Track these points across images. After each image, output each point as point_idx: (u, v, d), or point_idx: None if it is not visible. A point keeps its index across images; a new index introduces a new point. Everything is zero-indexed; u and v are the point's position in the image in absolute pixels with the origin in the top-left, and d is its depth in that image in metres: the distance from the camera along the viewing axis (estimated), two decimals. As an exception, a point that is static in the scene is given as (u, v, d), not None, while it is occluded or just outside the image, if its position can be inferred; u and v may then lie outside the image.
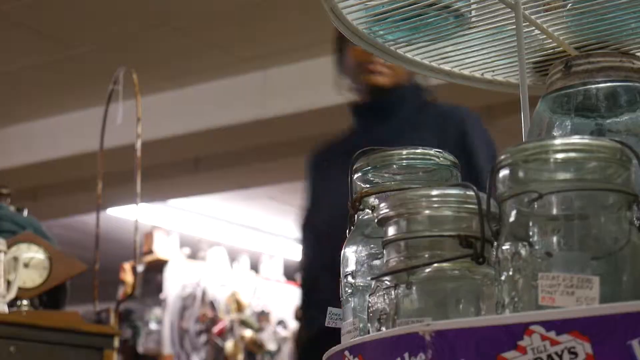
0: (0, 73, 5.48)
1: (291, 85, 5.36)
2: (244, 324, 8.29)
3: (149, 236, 7.86)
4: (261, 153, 6.16)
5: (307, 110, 5.31)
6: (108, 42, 5.00)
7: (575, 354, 0.78)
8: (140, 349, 7.86)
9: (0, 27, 4.89)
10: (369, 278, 1.06)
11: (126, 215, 7.19)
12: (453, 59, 1.42)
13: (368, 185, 1.12)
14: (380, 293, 0.96)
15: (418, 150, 1.12)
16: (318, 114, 5.33)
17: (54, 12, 4.72)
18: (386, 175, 1.12)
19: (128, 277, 6.68)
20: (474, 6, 1.30)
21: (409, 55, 1.40)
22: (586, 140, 0.88)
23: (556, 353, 0.78)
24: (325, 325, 1.16)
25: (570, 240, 0.86)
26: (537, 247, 0.86)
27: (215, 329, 8.00)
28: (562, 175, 0.87)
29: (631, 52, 1.27)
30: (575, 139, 0.88)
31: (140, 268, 7.50)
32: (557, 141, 0.88)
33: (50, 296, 3.55)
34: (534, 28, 1.30)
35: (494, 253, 0.92)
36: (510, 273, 0.87)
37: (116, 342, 3.58)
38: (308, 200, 2.66)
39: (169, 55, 5.17)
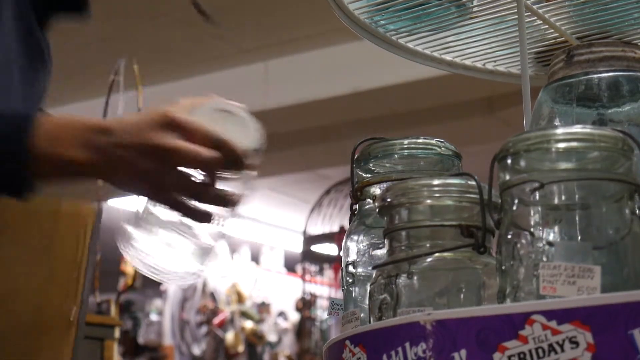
0: None
1: (292, 76, 5.35)
2: (245, 315, 8.30)
3: (149, 227, 7.85)
4: (262, 144, 6.15)
5: (308, 102, 5.31)
6: (109, 32, 5.00)
7: (577, 343, 0.78)
8: (141, 340, 7.88)
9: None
10: (370, 268, 1.07)
11: (127, 207, 7.20)
12: (454, 49, 1.42)
13: (369, 175, 1.12)
14: (381, 282, 0.96)
15: (419, 140, 1.12)
16: (319, 105, 5.33)
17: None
18: (387, 165, 1.12)
19: (129, 268, 6.68)
20: (475, -5, 1.30)
21: (410, 45, 1.40)
22: (588, 130, 0.88)
23: (557, 342, 0.78)
24: (327, 315, 1.15)
25: (572, 230, 0.86)
26: (538, 236, 0.86)
27: (216, 320, 8.02)
28: (563, 165, 0.87)
29: (633, 41, 1.27)
30: (577, 129, 0.88)
31: None
32: (559, 131, 0.88)
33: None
34: (535, 18, 1.30)
35: (495, 243, 0.92)
36: (512, 263, 0.87)
37: (117, 333, 3.59)
38: None
39: (170, 46, 5.16)
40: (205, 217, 1.06)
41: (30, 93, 1.20)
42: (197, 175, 1.03)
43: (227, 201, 1.06)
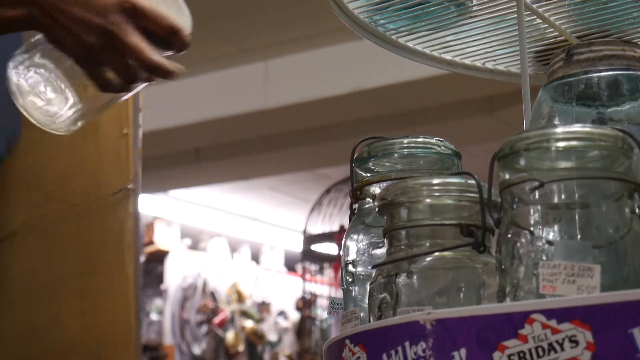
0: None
1: (292, 76, 5.35)
2: (245, 314, 8.30)
3: (149, 227, 7.87)
4: (262, 144, 6.16)
5: (308, 101, 5.31)
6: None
7: (576, 342, 0.78)
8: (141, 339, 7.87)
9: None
10: (369, 267, 1.06)
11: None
12: (454, 48, 1.42)
13: (369, 174, 1.12)
14: (381, 282, 0.96)
15: (419, 139, 1.12)
16: (319, 105, 5.33)
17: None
18: (387, 164, 1.12)
19: (129, 267, 6.68)
20: (475, -6, 1.29)
21: (410, 44, 1.40)
22: (588, 129, 0.88)
23: (557, 341, 0.78)
24: (327, 314, 1.16)
25: (572, 229, 0.86)
26: (538, 235, 0.86)
27: (216, 319, 8.02)
28: (563, 164, 0.87)
29: (633, 40, 1.27)
30: (577, 128, 0.88)
31: (141, 259, 7.50)
32: (559, 129, 0.88)
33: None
34: (535, 17, 1.29)
35: (495, 242, 0.92)
36: (511, 262, 0.87)
37: (117, 333, 3.58)
38: None
39: (169, 46, 5.16)
40: (119, 91, 1.07)
41: None
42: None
43: (148, 81, 1.08)
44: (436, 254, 0.93)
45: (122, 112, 1.40)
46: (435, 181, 0.96)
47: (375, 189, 1.10)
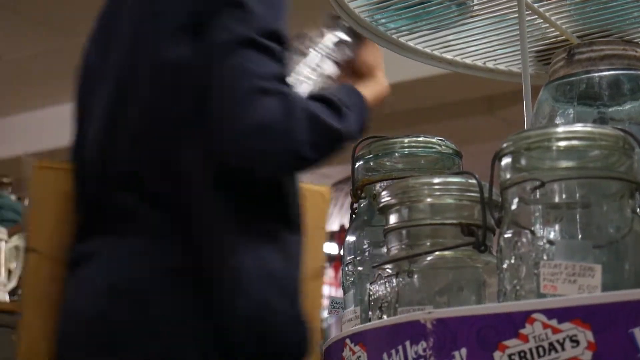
0: (4, 62, 5.48)
1: (292, 75, 5.34)
2: (245, 314, 8.30)
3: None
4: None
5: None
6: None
7: (577, 342, 0.78)
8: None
9: (5, 17, 4.89)
10: (370, 266, 1.06)
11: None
12: (455, 48, 1.42)
13: (370, 174, 1.12)
14: (381, 281, 0.96)
15: (420, 139, 1.12)
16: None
17: (57, 1, 4.71)
18: (388, 163, 1.12)
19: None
20: (476, -6, 1.30)
21: (411, 43, 1.40)
22: (589, 128, 0.88)
23: (558, 341, 0.78)
24: (327, 314, 1.17)
25: (573, 229, 0.86)
26: (539, 235, 0.86)
27: (217, 318, 8.01)
28: (564, 163, 0.87)
29: (634, 40, 1.27)
30: (578, 127, 0.88)
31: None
32: (560, 129, 0.88)
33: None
34: (536, 16, 1.30)
35: (496, 241, 0.92)
36: (512, 261, 0.87)
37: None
38: None
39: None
40: None
41: None
42: None
43: None
44: (437, 253, 0.93)
45: (321, 212, 1.73)
46: (436, 180, 0.96)
47: (376, 188, 1.10)
